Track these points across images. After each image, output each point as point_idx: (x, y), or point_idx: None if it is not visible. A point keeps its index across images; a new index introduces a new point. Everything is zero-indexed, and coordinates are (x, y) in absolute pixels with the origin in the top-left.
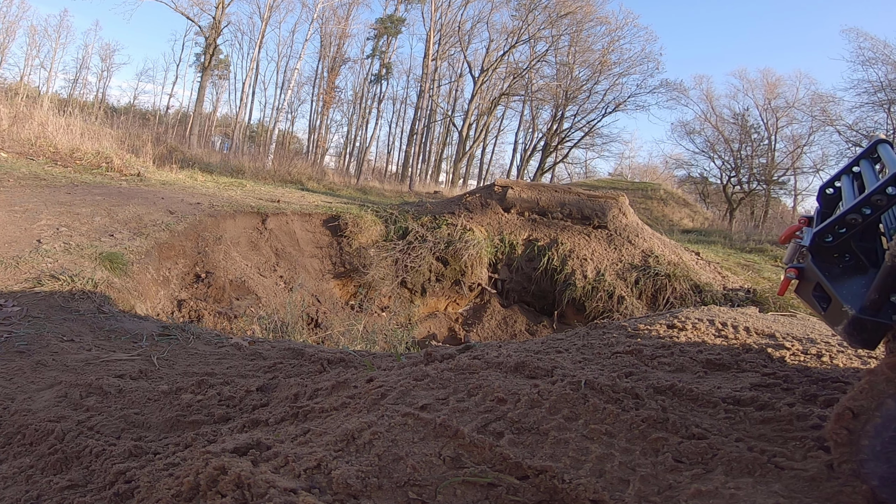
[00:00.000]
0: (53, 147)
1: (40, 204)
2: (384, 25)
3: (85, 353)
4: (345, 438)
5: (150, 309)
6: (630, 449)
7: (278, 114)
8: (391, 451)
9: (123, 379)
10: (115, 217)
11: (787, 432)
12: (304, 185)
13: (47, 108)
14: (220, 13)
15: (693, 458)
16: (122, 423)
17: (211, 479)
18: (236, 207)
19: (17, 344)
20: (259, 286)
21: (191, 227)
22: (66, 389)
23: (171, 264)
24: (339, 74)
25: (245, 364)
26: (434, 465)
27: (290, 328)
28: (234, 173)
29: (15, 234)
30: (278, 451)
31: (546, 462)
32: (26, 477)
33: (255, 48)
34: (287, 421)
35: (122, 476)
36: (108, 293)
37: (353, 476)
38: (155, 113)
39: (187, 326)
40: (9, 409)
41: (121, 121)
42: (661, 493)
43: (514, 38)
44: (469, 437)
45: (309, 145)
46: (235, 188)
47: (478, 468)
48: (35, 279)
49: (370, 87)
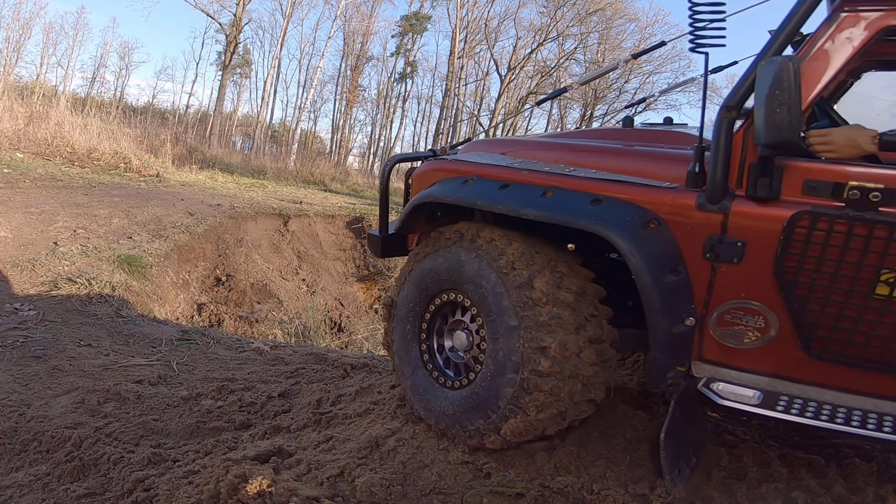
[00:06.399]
0: (70, 147)
1: (57, 205)
2: (409, 23)
3: (102, 358)
4: (369, 445)
5: (170, 313)
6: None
7: (301, 113)
8: (416, 459)
9: (142, 384)
10: (133, 219)
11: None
12: (327, 186)
13: (64, 107)
14: (240, 10)
15: None
16: (140, 430)
17: (232, 487)
18: (258, 209)
19: (34, 349)
20: (281, 289)
21: (211, 228)
22: (83, 395)
23: (191, 267)
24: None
25: (266, 369)
26: (460, 473)
27: (313, 332)
28: (256, 174)
29: (31, 236)
30: (301, 458)
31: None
32: (42, 485)
33: (276, 46)
34: (309, 427)
35: (140, 484)
36: (126, 297)
37: (377, 484)
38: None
39: (207, 331)
40: (25, 416)
41: (139, 120)
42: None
43: (542, 36)
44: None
45: (332, 145)
46: (257, 189)
47: (505, 477)
48: (51, 282)
49: (394, 85)
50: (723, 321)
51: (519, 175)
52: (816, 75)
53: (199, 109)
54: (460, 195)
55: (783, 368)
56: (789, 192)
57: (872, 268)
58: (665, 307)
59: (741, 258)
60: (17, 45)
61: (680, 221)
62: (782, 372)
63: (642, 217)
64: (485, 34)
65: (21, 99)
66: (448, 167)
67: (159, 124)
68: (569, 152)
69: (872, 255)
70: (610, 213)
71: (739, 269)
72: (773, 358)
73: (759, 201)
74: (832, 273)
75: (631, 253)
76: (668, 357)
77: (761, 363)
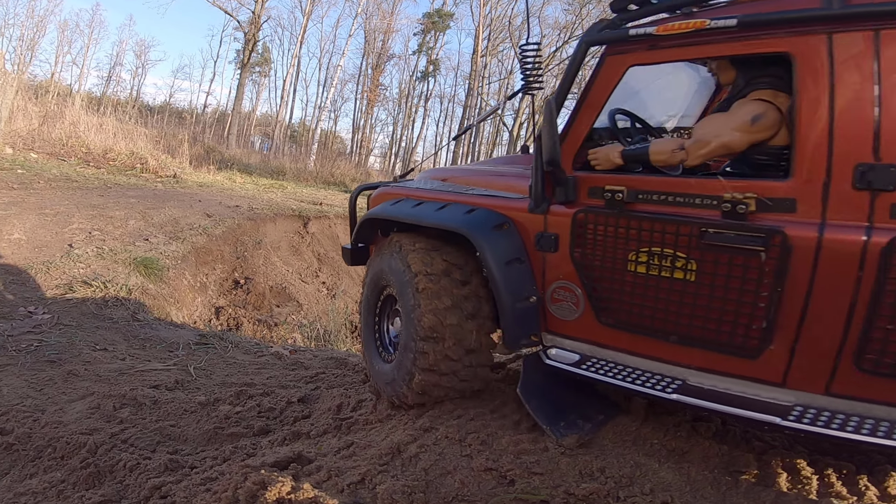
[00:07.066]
0: (86, 147)
1: (72, 207)
2: (431, 20)
3: (118, 362)
4: (390, 452)
5: (187, 316)
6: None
7: (320, 112)
8: (438, 466)
9: (159, 389)
10: (150, 220)
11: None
12: (347, 187)
13: (79, 106)
14: (259, 7)
15: None
16: (157, 436)
17: (250, 494)
18: (277, 210)
19: (48, 353)
20: (300, 293)
21: (229, 230)
22: (98, 400)
23: (209, 270)
24: (383, 71)
25: (286, 374)
26: (483, 480)
27: (333, 336)
28: (275, 174)
29: (45, 238)
30: (321, 465)
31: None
32: (57, 492)
33: (296, 44)
34: (330, 433)
35: (157, 491)
36: (142, 300)
37: (399, 491)
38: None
39: (225, 335)
40: (39, 422)
41: (156, 120)
42: None
43: (567, 34)
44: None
45: (352, 145)
46: (276, 190)
47: (530, 484)
48: (66, 285)
49: (417, 84)
50: (554, 298)
51: (430, 195)
52: (589, 108)
53: (217, 109)
54: (389, 212)
55: (591, 335)
56: (582, 196)
57: (625, 250)
58: (509, 288)
59: (556, 248)
60: (32, 44)
61: (521, 223)
62: (591, 338)
63: (497, 220)
64: (508, 32)
65: (35, 98)
66: (390, 192)
67: (176, 124)
68: (473, 176)
69: (622, 240)
70: (476, 219)
71: (557, 257)
72: (585, 326)
73: (564, 205)
74: (601, 255)
75: (480, 246)
76: (518, 328)
77: (580, 331)
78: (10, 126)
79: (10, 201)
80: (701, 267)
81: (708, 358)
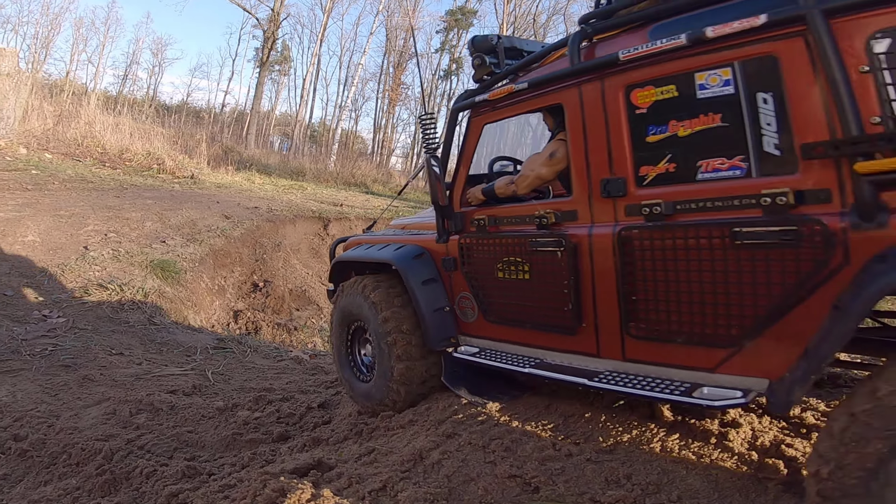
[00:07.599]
0: (101, 147)
1: (87, 208)
2: (454, 18)
3: (135, 367)
4: (412, 458)
5: (205, 320)
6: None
7: (341, 112)
8: (461, 472)
9: (176, 395)
10: (166, 222)
11: None
12: (368, 188)
13: (95, 105)
14: (278, 4)
15: None
16: (174, 442)
17: (269, 501)
18: (296, 212)
19: (63, 357)
20: (321, 296)
21: (248, 232)
22: (114, 406)
23: (227, 272)
24: (405, 70)
25: (305, 379)
26: (507, 487)
27: None
28: (294, 175)
29: (60, 240)
30: (341, 472)
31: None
32: (72, 499)
33: (316, 42)
34: (350, 439)
35: (174, 498)
36: (159, 303)
37: (422, 499)
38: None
39: (244, 339)
40: (54, 427)
41: (173, 119)
42: None
43: None
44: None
45: (374, 145)
46: (295, 191)
47: (554, 491)
48: (82, 288)
49: (439, 83)
50: (460, 307)
51: (381, 239)
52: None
53: (236, 108)
54: (350, 255)
55: (485, 332)
56: (467, 227)
57: (493, 262)
58: (426, 301)
59: (455, 267)
60: (46, 42)
61: (434, 251)
62: (485, 334)
63: (416, 252)
64: (533, 30)
65: (50, 97)
66: (357, 240)
67: (194, 124)
68: (417, 220)
69: (489, 256)
70: (402, 253)
71: (457, 274)
72: (480, 326)
73: (456, 234)
74: (480, 268)
75: (401, 271)
76: (436, 331)
77: (478, 330)
78: (25, 126)
79: (25, 202)
80: (532, 267)
81: (550, 338)
